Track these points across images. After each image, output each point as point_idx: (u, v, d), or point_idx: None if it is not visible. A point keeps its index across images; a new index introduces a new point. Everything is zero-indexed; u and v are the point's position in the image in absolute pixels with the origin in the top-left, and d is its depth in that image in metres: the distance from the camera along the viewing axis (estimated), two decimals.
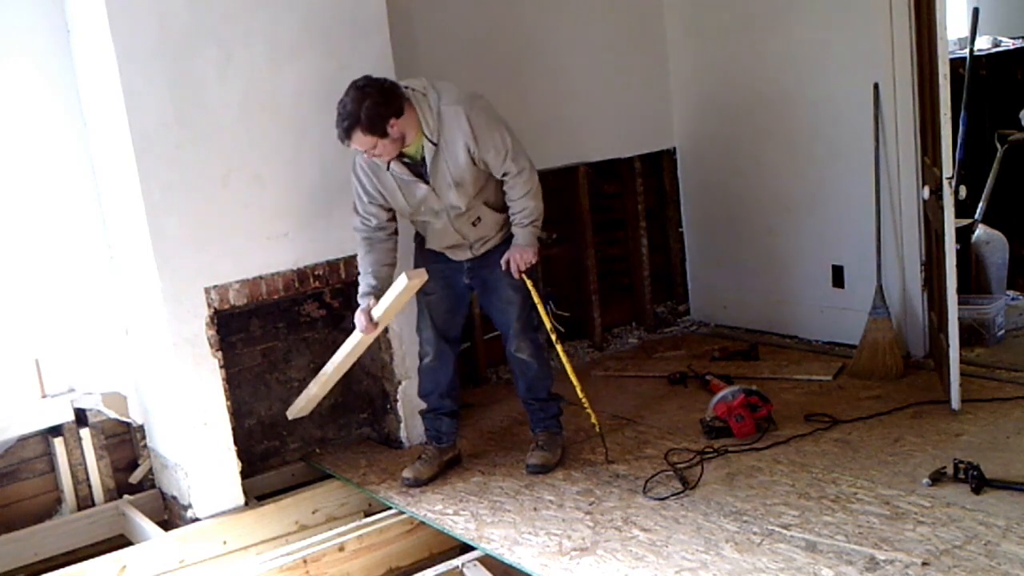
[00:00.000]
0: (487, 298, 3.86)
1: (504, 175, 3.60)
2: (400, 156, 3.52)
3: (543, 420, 3.94)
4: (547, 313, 3.86)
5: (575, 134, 5.18)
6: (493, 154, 3.54)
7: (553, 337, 3.88)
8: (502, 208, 3.70)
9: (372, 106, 3.35)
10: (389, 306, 3.57)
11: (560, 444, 3.94)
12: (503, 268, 3.68)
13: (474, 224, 3.67)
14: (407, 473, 3.85)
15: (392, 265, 3.70)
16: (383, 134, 3.39)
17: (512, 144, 3.57)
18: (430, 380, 3.93)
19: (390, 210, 3.67)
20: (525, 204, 3.63)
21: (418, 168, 3.55)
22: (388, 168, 3.55)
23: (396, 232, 3.73)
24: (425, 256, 3.80)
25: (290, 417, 3.96)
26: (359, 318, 3.62)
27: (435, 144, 3.50)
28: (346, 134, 3.40)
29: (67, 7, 3.71)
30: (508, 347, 3.88)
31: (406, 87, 3.50)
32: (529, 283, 3.74)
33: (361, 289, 3.66)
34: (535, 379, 3.89)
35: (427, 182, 3.54)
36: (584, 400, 3.87)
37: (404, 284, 3.50)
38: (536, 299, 3.78)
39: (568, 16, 5.12)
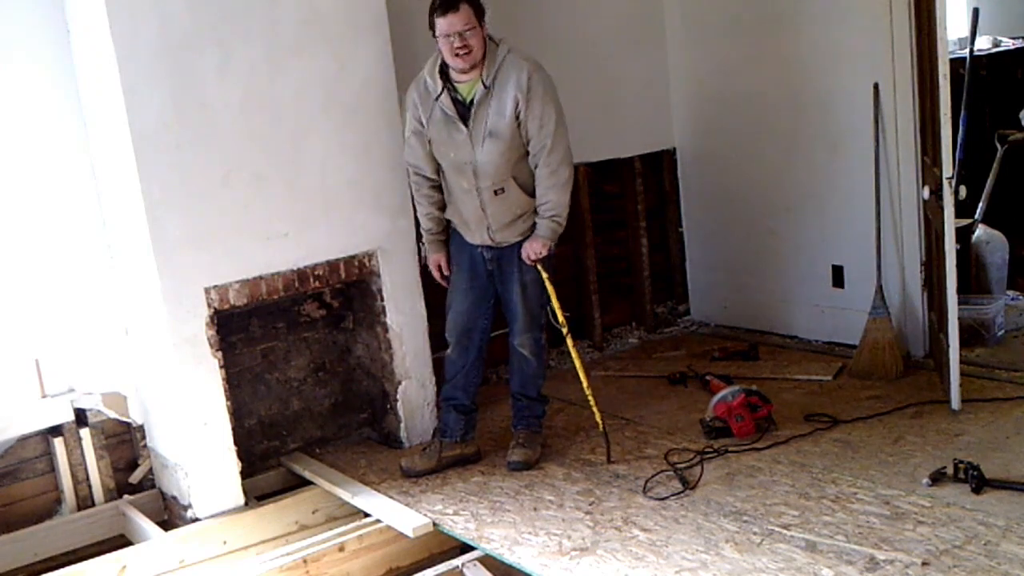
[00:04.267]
0: (502, 286, 3.87)
1: (537, 155, 3.63)
2: (453, 92, 3.63)
3: (527, 418, 3.96)
4: (560, 308, 3.85)
5: (575, 134, 5.10)
6: (536, 124, 3.60)
7: (564, 330, 3.87)
8: (531, 193, 3.71)
9: None
10: None
11: (539, 442, 3.96)
12: (522, 258, 3.73)
13: (496, 194, 3.67)
14: (403, 461, 3.91)
15: (439, 209, 3.88)
16: (481, 20, 3.55)
17: (556, 128, 3.63)
18: (449, 369, 3.97)
19: (433, 160, 3.78)
20: (550, 196, 3.66)
21: (464, 111, 3.63)
22: (438, 98, 3.63)
23: (438, 184, 3.84)
24: (456, 245, 3.88)
25: None
26: (432, 269, 3.96)
27: (487, 87, 3.58)
28: (456, 2, 3.49)
29: (67, 7, 3.71)
30: (512, 339, 3.90)
31: (490, 36, 3.64)
32: (545, 274, 3.78)
33: (422, 226, 3.95)
34: (531, 377, 3.92)
35: (467, 125, 3.62)
36: (591, 399, 3.87)
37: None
38: (550, 289, 3.80)
39: (568, 16, 5.12)
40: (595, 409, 3.88)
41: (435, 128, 3.70)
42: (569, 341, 3.89)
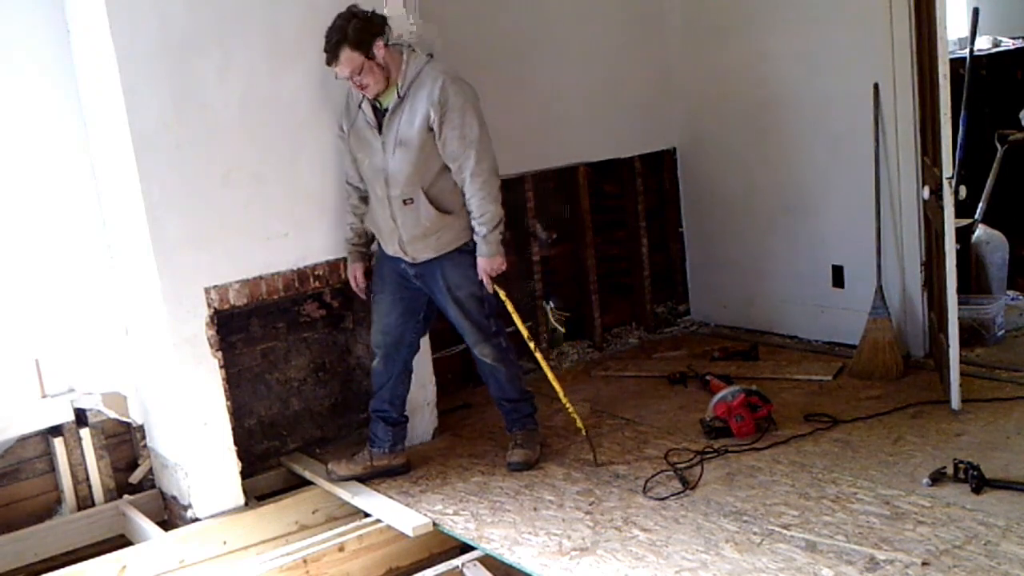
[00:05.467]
0: (440, 305, 3.82)
1: (461, 168, 3.57)
2: (374, 99, 3.60)
3: (518, 419, 3.95)
4: (522, 322, 3.79)
5: (575, 134, 5.18)
6: (457, 135, 3.53)
7: (531, 346, 3.85)
8: (442, 209, 3.63)
9: (359, 24, 3.47)
10: None
11: (538, 440, 3.95)
12: (478, 279, 3.67)
13: (405, 203, 3.62)
14: (330, 465, 3.91)
15: (362, 220, 3.86)
16: (369, 53, 3.48)
17: (480, 139, 3.56)
18: (376, 380, 3.95)
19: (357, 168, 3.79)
20: (484, 208, 3.59)
21: (381, 118, 3.61)
22: (360, 106, 3.63)
23: (365, 195, 3.81)
24: (381, 257, 3.84)
25: None
26: (350, 278, 3.93)
27: (400, 97, 3.54)
28: (334, 51, 3.47)
29: (67, 7, 3.71)
30: (472, 352, 3.89)
31: (408, 45, 3.61)
32: (502, 293, 3.73)
33: (344, 235, 3.94)
34: (505, 381, 3.89)
35: (381, 132, 3.60)
36: (569, 407, 3.84)
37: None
38: (509, 307, 3.76)
39: (568, 16, 5.12)
40: (575, 416, 3.85)
41: (355, 134, 3.71)
42: (539, 355, 3.86)
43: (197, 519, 3.74)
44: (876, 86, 4.52)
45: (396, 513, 3.58)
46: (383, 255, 3.84)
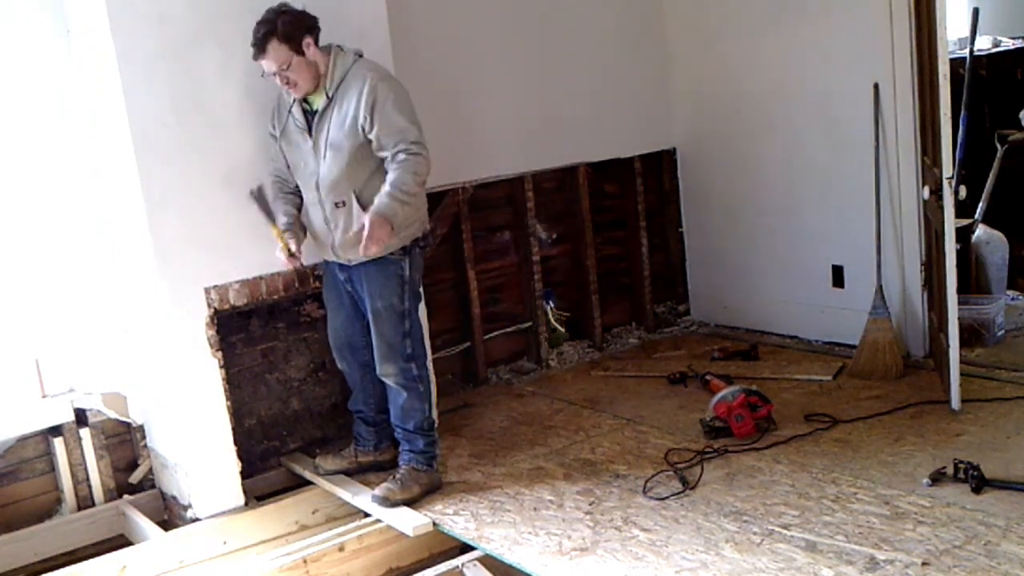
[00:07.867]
0: (364, 313, 3.71)
1: (392, 158, 3.44)
2: (304, 101, 3.54)
3: (407, 452, 3.71)
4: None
5: (575, 134, 5.19)
6: (388, 132, 3.43)
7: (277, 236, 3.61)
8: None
9: (289, 18, 3.40)
10: None
11: (421, 483, 3.67)
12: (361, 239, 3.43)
13: (337, 206, 3.53)
14: (318, 459, 3.95)
15: (297, 209, 3.69)
16: (299, 49, 3.40)
17: (419, 137, 3.46)
18: (348, 381, 3.94)
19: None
20: (402, 177, 3.43)
21: (311, 121, 3.53)
22: (291, 109, 3.56)
23: (297, 189, 3.69)
24: (326, 263, 3.78)
25: None
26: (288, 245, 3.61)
27: (329, 98, 3.48)
28: (261, 44, 3.38)
29: (67, 7, 3.71)
30: (376, 369, 3.68)
31: (337, 45, 3.53)
32: (293, 246, 3.58)
33: (283, 216, 3.66)
34: (403, 408, 3.68)
35: (312, 136, 3.52)
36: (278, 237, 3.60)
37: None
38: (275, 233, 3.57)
39: (568, 16, 5.12)
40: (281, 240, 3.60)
41: (286, 139, 3.62)
42: (280, 241, 3.59)
43: (197, 519, 3.74)
44: (876, 86, 4.52)
45: (396, 513, 3.58)
46: (325, 261, 3.76)
